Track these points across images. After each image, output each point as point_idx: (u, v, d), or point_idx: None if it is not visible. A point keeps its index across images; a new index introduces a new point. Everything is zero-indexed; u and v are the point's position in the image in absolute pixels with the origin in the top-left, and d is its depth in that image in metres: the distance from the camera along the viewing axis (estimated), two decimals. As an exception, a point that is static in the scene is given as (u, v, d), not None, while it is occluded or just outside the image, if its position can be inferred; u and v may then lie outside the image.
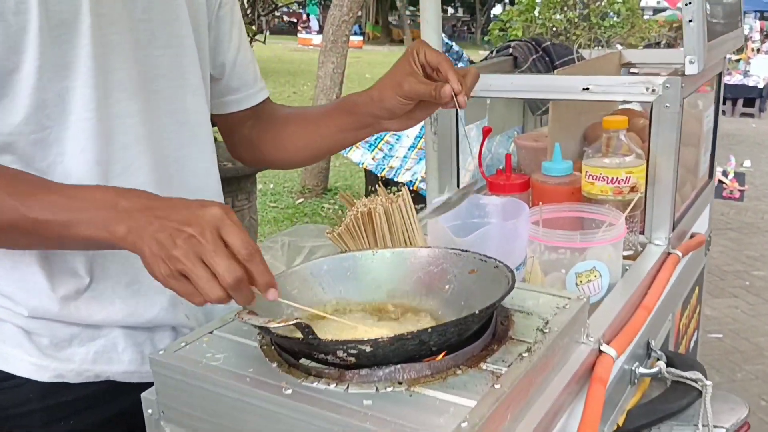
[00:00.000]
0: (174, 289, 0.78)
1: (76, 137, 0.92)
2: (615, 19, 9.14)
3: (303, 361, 0.84)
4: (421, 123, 4.34)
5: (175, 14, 1.02)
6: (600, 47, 9.38)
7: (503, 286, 0.92)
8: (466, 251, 1.03)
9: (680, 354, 1.28)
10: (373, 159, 5.17)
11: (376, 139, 5.22)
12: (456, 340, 0.84)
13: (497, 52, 1.84)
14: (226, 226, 0.76)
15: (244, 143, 1.19)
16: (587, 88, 1.30)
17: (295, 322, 0.76)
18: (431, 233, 1.17)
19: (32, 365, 0.97)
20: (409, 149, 5.15)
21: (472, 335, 0.87)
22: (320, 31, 27.29)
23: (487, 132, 1.39)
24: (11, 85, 0.87)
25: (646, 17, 10.23)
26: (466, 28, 31.49)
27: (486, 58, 1.88)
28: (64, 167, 0.92)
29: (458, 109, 1.04)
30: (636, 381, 1.19)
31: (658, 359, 1.24)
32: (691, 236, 1.52)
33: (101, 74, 0.92)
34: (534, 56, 1.77)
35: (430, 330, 0.78)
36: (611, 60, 1.74)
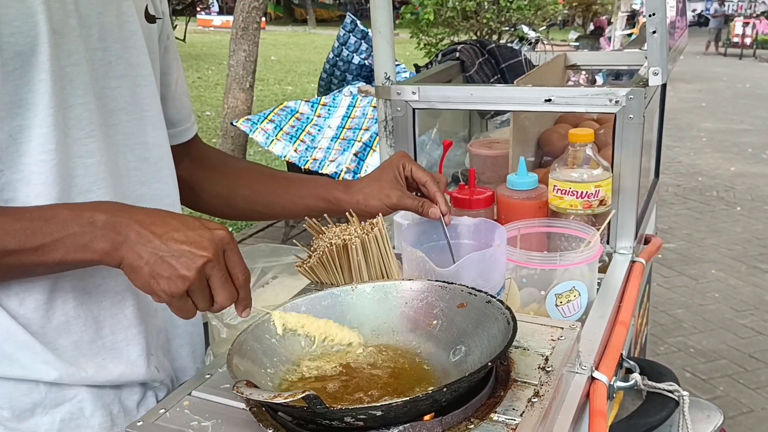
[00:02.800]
0: (172, 305, 0.79)
1: (30, 181, 0.82)
2: (522, 1, 9.32)
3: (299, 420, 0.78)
4: (342, 112, 4.20)
5: (131, 41, 0.93)
6: (508, 28, 9.56)
7: (500, 324, 0.88)
8: (453, 283, 0.99)
9: (650, 361, 1.29)
10: (295, 151, 5.02)
11: (297, 131, 5.09)
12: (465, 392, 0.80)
13: (443, 55, 1.80)
14: (231, 251, 0.79)
15: (180, 185, 1.10)
16: (550, 100, 1.29)
17: (303, 395, 0.70)
18: (407, 262, 1.12)
19: None
20: (332, 140, 5.04)
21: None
22: (221, 11, 26.46)
23: (447, 146, 1.35)
24: None
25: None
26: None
27: (431, 62, 1.84)
28: None
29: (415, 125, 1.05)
30: (614, 395, 1.19)
31: (631, 370, 1.25)
32: (645, 239, 1.54)
33: (60, 111, 0.83)
34: (480, 59, 1.75)
35: (445, 389, 0.74)
36: (557, 63, 1.73)
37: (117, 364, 0.93)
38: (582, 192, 1.24)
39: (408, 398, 0.73)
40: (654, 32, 1.18)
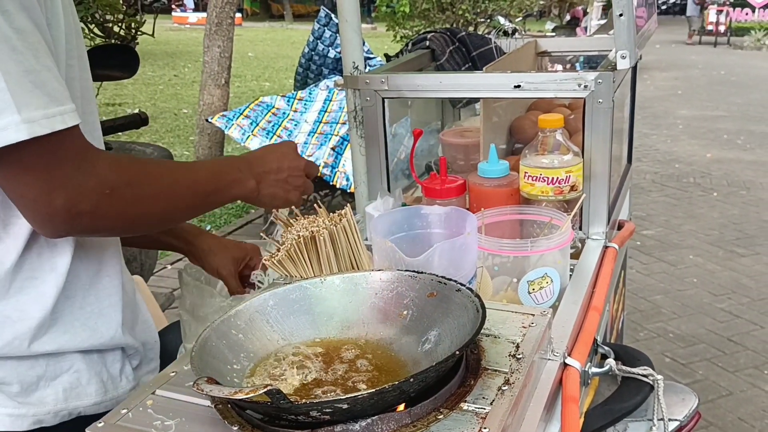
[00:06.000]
0: (299, 202, 1.11)
1: None
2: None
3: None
4: (319, 106, 4.20)
5: (83, 42, 0.99)
6: (484, 20, 9.55)
7: (470, 313, 0.87)
8: (423, 273, 0.98)
9: (625, 346, 1.29)
10: (271, 146, 4.95)
11: (273, 126, 5.04)
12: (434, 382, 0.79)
13: (413, 44, 1.78)
14: (302, 163, 1.11)
15: None
16: (519, 86, 1.27)
17: (266, 390, 0.68)
18: (377, 252, 1.10)
19: (9, 416, 0.94)
20: (308, 135, 4.99)
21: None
22: (196, 8, 26.17)
23: (418, 135, 1.33)
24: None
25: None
26: None
27: (402, 52, 1.82)
28: None
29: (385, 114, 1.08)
30: (589, 381, 1.18)
31: (605, 356, 1.24)
32: (618, 225, 1.54)
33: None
34: (451, 47, 1.73)
35: (411, 380, 0.73)
36: (528, 50, 1.72)
37: (108, 328, 1.01)
38: (553, 178, 1.23)
39: (374, 390, 0.71)
40: (621, 15, 1.17)
